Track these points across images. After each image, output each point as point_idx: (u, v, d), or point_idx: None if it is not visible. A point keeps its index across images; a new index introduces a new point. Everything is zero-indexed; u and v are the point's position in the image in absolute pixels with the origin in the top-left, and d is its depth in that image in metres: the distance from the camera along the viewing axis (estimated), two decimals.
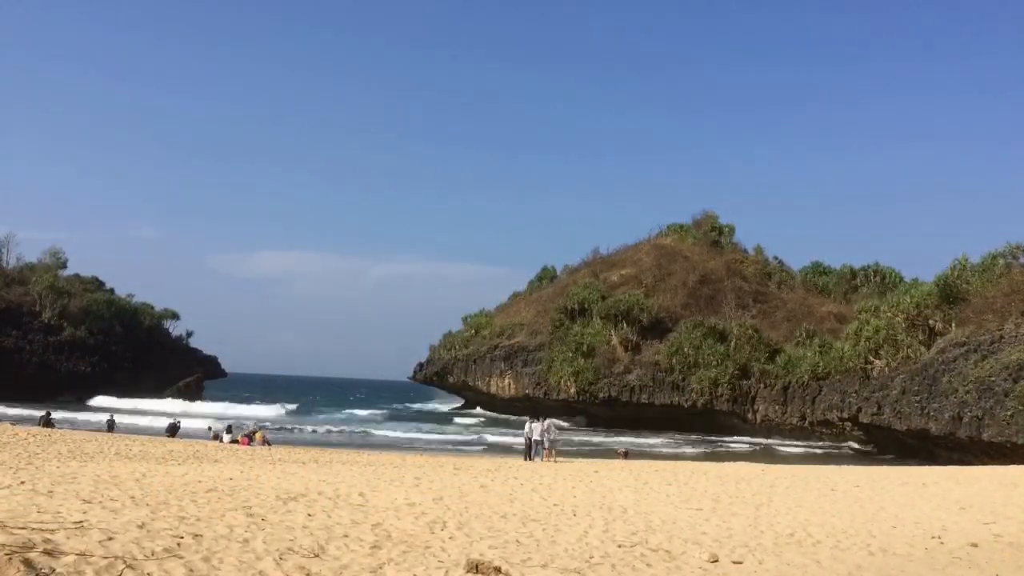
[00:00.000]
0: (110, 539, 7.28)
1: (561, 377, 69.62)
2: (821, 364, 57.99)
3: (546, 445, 28.13)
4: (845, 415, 52.31)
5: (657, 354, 68.12)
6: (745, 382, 64.09)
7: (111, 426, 38.11)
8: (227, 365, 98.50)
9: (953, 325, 46.86)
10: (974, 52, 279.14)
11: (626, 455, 34.92)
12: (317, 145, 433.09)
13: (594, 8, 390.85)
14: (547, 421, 29.32)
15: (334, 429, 53.96)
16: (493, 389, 77.58)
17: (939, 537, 11.76)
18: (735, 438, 58.29)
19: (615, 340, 70.63)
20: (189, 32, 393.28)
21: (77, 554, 6.42)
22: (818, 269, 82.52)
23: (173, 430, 34.80)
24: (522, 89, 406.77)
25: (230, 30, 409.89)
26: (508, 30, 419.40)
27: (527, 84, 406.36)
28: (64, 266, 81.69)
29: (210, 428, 37.39)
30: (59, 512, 8.68)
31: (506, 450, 38.12)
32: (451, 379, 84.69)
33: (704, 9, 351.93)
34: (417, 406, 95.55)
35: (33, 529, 7.19)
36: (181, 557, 7.04)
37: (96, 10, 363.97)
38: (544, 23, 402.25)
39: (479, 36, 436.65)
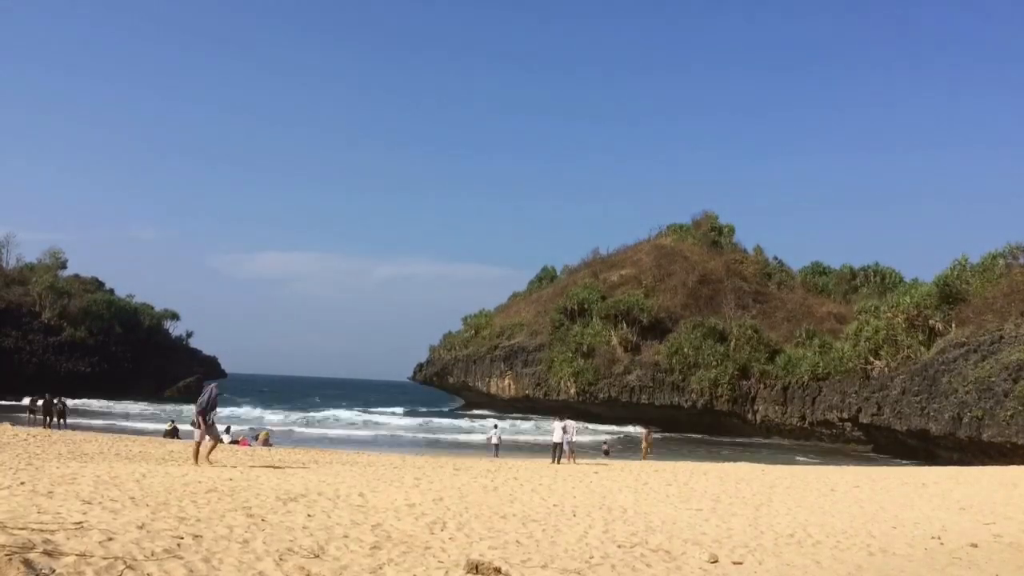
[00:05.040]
0: (110, 539, 7.28)
1: (561, 377, 69.64)
2: (821, 364, 57.99)
3: (565, 448, 27.44)
4: (845, 415, 52.31)
5: (657, 354, 68.15)
6: (745, 382, 64.09)
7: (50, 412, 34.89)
8: (227, 365, 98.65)
9: (953, 325, 46.86)
10: (974, 54, 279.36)
11: (607, 453, 35.19)
12: (318, 146, 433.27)
13: (594, 10, 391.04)
14: (567, 421, 28.79)
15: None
16: (493, 389, 77.59)
17: (939, 537, 11.76)
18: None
19: (615, 340, 70.64)
20: (188, 34, 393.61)
21: (77, 555, 6.42)
22: (818, 269, 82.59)
23: (173, 433, 34.73)
24: (523, 90, 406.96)
25: (229, 32, 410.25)
26: (508, 33, 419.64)
27: (528, 85, 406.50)
28: (64, 266, 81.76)
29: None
30: (59, 513, 8.68)
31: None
32: (451, 379, 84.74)
33: (704, 11, 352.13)
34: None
35: (33, 530, 7.19)
36: (181, 557, 7.04)
37: (96, 13, 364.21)
38: (544, 25, 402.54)
39: (479, 40, 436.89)
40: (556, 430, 27.80)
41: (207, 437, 18.79)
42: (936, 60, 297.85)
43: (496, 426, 35.88)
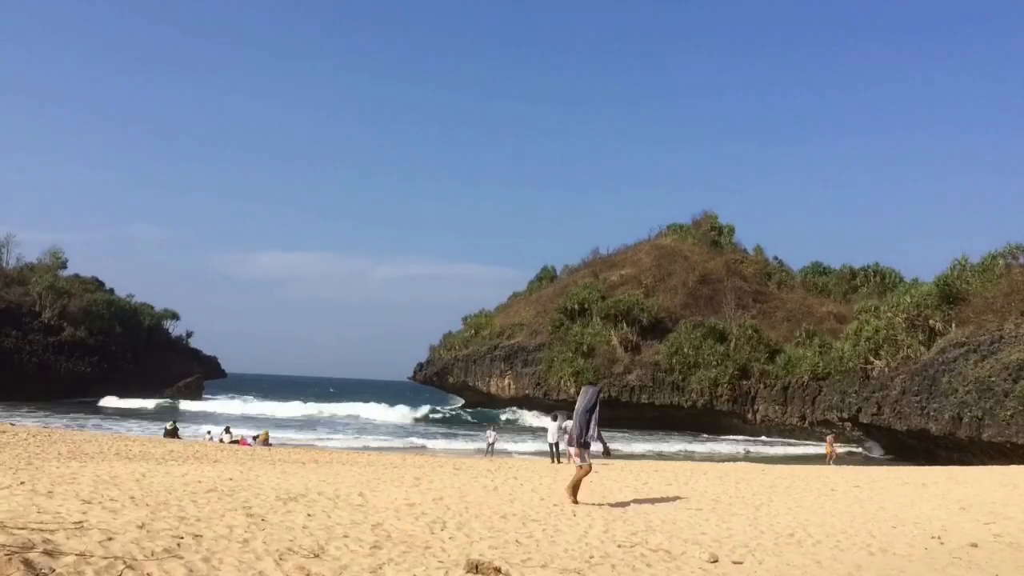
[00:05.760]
0: (110, 539, 7.28)
1: (561, 377, 69.58)
2: (821, 364, 57.97)
3: (563, 448, 27.46)
4: (845, 415, 52.30)
5: (657, 354, 68.11)
6: (745, 382, 64.06)
7: None
8: (227, 365, 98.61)
9: (953, 325, 46.84)
10: (975, 54, 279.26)
11: (608, 453, 35.21)
12: (319, 147, 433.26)
13: (594, 7, 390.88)
14: (568, 421, 28.35)
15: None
16: (493, 389, 77.54)
17: (939, 537, 11.75)
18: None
19: (615, 340, 70.61)
20: (193, 34, 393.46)
21: (77, 554, 6.42)
22: (818, 269, 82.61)
23: (173, 433, 34.73)
24: (523, 91, 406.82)
25: (233, 33, 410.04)
26: (508, 33, 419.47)
27: (528, 86, 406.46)
28: (64, 266, 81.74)
29: (209, 432, 37.12)
30: (59, 512, 8.68)
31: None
32: (451, 379, 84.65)
33: (706, 9, 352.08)
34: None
35: (33, 529, 7.19)
36: (181, 557, 7.03)
37: (98, 15, 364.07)
38: (544, 24, 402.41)
39: (478, 36, 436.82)
40: (551, 430, 27.54)
41: (580, 459, 13.59)
42: (937, 60, 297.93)
43: (492, 427, 36.16)
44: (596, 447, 13.56)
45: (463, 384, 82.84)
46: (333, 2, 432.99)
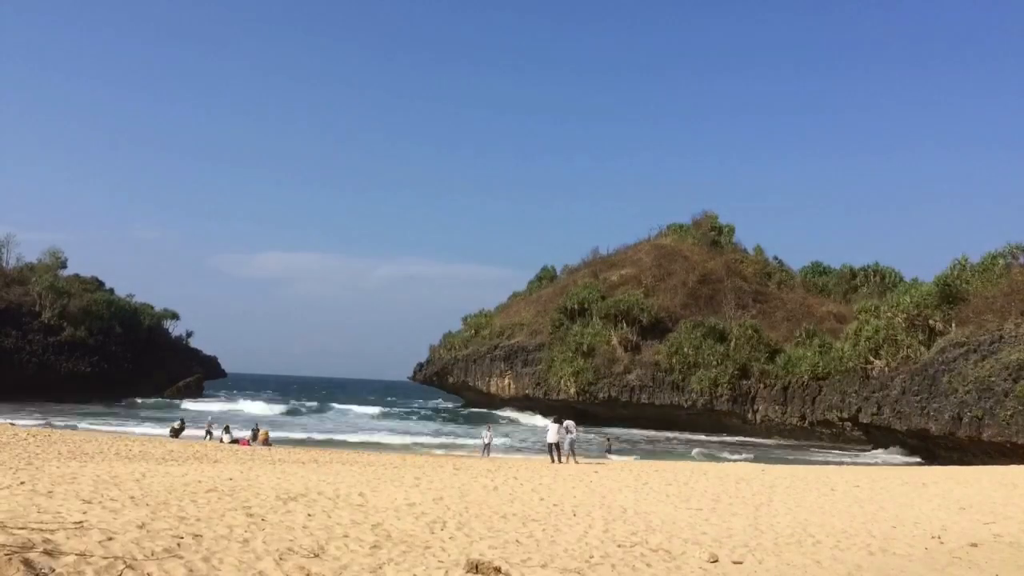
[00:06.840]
0: (110, 539, 7.28)
1: (561, 377, 69.57)
2: (821, 364, 57.97)
3: (565, 448, 27.21)
4: (845, 415, 52.29)
5: (657, 354, 68.07)
6: (745, 382, 64.04)
7: None
8: (227, 365, 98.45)
9: (953, 325, 46.83)
10: (973, 53, 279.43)
11: (610, 451, 35.32)
12: (321, 147, 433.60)
13: (596, 10, 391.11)
14: (568, 422, 28.55)
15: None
16: (493, 389, 77.54)
17: (939, 537, 11.75)
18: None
19: (615, 340, 70.59)
20: (189, 35, 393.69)
21: (77, 554, 6.42)
22: (818, 269, 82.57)
23: (177, 431, 34.65)
24: (523, 91, 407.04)
25: (230, 33, 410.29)
26: (510, 34, 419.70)
27: (528, 86, 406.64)
28: (64, 266, 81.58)
29: (208, 432, 36.82)
30: (59, 512, 8.68)
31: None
32: (451, 379, 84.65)
33: (706, 12, 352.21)
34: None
35: (33, 529, 7.19)
36: (181, 557, 7.03)
37: (95, 14, 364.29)
38: (546, 26, 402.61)
39: (481, 39, 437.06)
40: (551, 430, 27.66)
41: None
42: (936, 61, 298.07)
43: (488, 427, 35.83)
44: None
45: (463, 384, 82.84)
46: (332, 16, 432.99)
